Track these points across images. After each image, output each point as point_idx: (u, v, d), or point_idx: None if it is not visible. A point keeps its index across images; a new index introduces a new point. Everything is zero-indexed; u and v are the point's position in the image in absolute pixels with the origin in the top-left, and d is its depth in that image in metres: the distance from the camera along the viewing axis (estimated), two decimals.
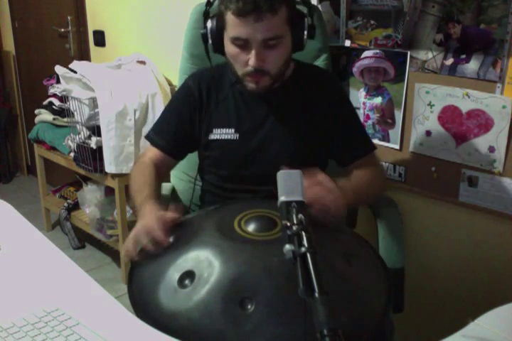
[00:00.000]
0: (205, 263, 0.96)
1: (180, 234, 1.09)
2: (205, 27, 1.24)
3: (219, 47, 1.24)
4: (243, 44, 1.17)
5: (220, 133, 1.33)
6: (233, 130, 1.32)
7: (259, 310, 0.89)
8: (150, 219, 1.07)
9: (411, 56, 1.62)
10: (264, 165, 1.31)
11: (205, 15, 1.25)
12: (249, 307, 0.89)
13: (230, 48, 1.21)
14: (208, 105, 1.35)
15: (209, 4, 1.26)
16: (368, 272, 1.05)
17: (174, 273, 0.97)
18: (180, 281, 0.95)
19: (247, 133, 1.32)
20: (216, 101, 1.35)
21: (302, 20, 1.22)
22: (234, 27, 1.16)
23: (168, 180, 1.70)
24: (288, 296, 0.88)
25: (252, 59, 1.17)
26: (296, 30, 1.21)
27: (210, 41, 1.25)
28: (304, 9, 1.25)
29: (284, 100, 1.33)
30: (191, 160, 1.49)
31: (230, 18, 1.15)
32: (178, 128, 1.37)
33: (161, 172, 1.37)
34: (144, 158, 1.39)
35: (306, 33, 1.22)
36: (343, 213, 1.06)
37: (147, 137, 1.42)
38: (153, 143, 1.39)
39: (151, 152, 1.39)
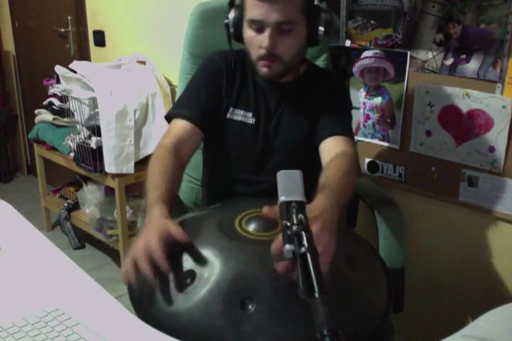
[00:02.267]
0: (205, 262, 0.96)
1: None
2: (228, 16, 1.29)
3: (239, 35, 1.28)
4: (259, 27, 1.21)
5: (237, 114, 1.35)
6: (251, 114, 1.34)
7: (260, 310, 0.88)
8: (152, 236, 0.94)
9: (411, 56, 1.62)
10: (273, 153, 1.35)
11: (230, 4, 1.29)
12: (249, 307, 0.89)
13: (247, 32, 1.25)
14: (232, 83, 1.36)
15: None
16: (368, 272, 1.05)
17: (174, 273, 0.97)
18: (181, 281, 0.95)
19: (263, 119, 1.35)
20: (239, 83, 1.36)
21: (319, 15, 1.25)
22: (251, 9, 1.21)
23: None
24: (289, 296, 0.87)
25: (264, 41, 1.21)
26: (312, 23, 1.25)
27: (231, 29, 1.29)
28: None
29: (295, 94, 1.36)
30: (192, 160, 1.49)
31: (248, 1, 1.21)
32: (206, 99, 1.33)
33: (184, 156, 1.27)
34: (166, 138, 1.27)
35: (321, 28, 1.25)
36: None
37: (170, 114, 1.33)
38: (180, 116, 1.30)
39: (176, 128, 1.29)
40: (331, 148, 1.26)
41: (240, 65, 1.37)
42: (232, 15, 1.28)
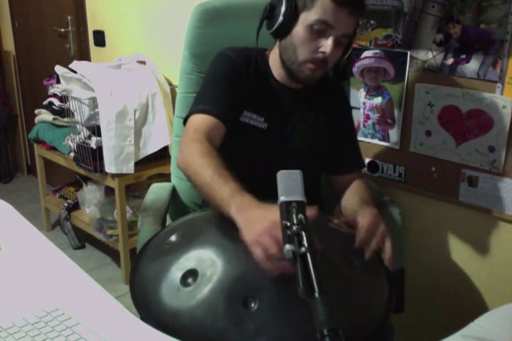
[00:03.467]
0: (208, 262, 0.96)
1: (182, 233, 1.08)
2: (271, 6, 1.24)
3: (286, 28, 1.22)
4: (322, 30, 1.19)
5: (249, 118, 1.31)
6: (263, 119, 1.31)
7: (263, 309, 0.88)
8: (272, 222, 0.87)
9: (411, 56, 1.62)
10: (286, 159, 1.33)
11: None
12: (252, 306, 0.89)
13: (303, 31, 1.21)
14: (247, 84, 1.31)
15: None
16: (368, 272, 1.05)
17: (177, 272, 0.97)
18: (183, 280, 0.95)
19: (274, 126, 1.33)
20: (252, 84, 1.32)
21: (353, 38, 1.29)
22: (325, 11, 1.17)
23: (169, 180, 1.70)
24: (291, 295, 0.87)
25: (327, 47, 1.19)
26: (350, 42, 1.28)
27: (279, 20, 1.22)
28: None
29: (307, 101, 1.36)
30: None
31: (324, 1, 1.17)
32: (229, 96, 1.27)
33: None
34: (197, 134, 1.19)
35: (351, 48, 1.30)
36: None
37: (193, 111, 1.25)
38: (205, 112, 1.23)
39: (203, 123, 1.22)
40: (349, 182, 1.37)
41: (254, 65, 1.33)
42: (284, 7, 1.21)
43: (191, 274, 0.95)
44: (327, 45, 1.19)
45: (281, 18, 1.22)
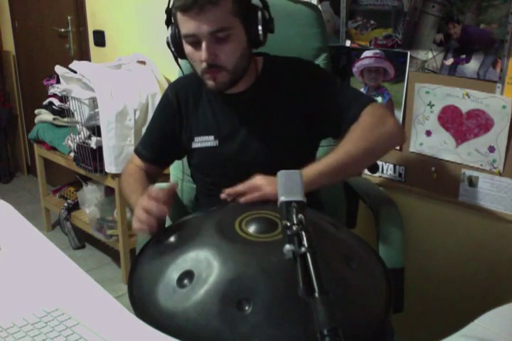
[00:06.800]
0: (204, 263, 0.96)
1: (180, 234, 1.09)
2: (167, 36, 1.25)
3: (181, 52, 1.24)
4: (194, 41, 1.17)
5: (201, 141, 1.33)
6: (212, 137, 1.32)
7: (257, 311, 0.88)
8: (142, 199, 1.11)
9: (411, 56, 1.62)
10: (246, 167, 1.24)
11: (167, 23, 1.25)
12: (246, 308, 0.89)
13: (186, 48, 1.21)
14: (187, 113, 1.35)
15: (169, 11, 1.24)
16: (367, 273, 1.05)
17: (173, 273, 0.97)
18: (179, 281, 0.95)
19: (226, 138, 1.32)
20: (195, 108, 1.35)
21: (255, 14, 1.20)
22: (182, 24, 1.17)
23: (169, 180, 1.70)
24: (286, 298, 0.87)
25: (202, 54, 1.17)
26: (249, 23, 1.20)
27: (172, 49, 1.25)
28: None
29: (259, 99, 1.31)
30: None
31: (178, 16, 1.17)
32: (160, 139, 1.40)
33: (150, 177, 1.41)
34: (132, 163, 1.44)
35: (260, 27, 1.20)
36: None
37: (135, 148, 1.47)
38: (137, 154, 1.44)
39: (137, 160, 1.44)
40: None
41: (191, 90, 1.35)
42: (169, 33, 1.24)
43: (187, 275, 0.95)
44: (202, 53, 1.17)
45: (172, 48, 1.25)
